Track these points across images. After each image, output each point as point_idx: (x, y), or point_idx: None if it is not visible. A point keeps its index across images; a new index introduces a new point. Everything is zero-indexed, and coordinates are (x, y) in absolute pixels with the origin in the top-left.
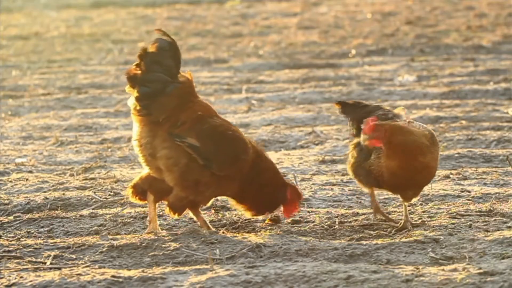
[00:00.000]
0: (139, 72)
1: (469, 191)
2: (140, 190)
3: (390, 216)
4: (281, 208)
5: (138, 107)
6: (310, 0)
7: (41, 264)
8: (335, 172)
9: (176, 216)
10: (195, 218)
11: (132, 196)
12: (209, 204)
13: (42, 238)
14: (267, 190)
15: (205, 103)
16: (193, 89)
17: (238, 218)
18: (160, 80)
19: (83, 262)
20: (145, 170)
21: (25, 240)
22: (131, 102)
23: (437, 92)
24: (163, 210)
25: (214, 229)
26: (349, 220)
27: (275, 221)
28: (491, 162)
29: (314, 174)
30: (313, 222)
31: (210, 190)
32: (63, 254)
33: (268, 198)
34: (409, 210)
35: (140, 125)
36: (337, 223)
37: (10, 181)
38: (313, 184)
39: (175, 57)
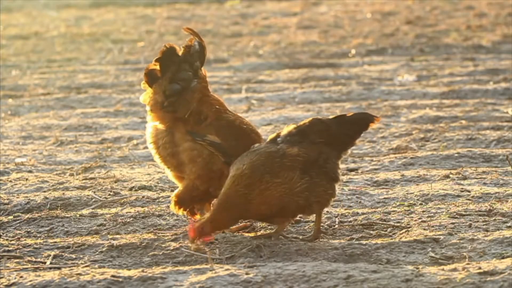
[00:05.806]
0: (158, 68)
1: (469, 191)
2: None
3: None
4: None
5: (165, 104)
6: (310, 0)
7: (41, 263)
8: None
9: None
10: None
11: None
12: None
13: (42, 238)
14: None
15: (217, 97)
16: (208, 84)
17: None
18: (188, 79)
19: (83, 262)
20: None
21: (25, 240)
22: (153, 98)
23: (437, 91)
24: (163, 210)
25: None
26: (349, 220)
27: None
28: (491, 162)
29: None
30: (313, 222)
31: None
32: (63, 254)
33: None
34: (408, 210)
35: (161, 122)
36: (337, 223)
37: (10, 181)
38: None
39: (202, 57)
